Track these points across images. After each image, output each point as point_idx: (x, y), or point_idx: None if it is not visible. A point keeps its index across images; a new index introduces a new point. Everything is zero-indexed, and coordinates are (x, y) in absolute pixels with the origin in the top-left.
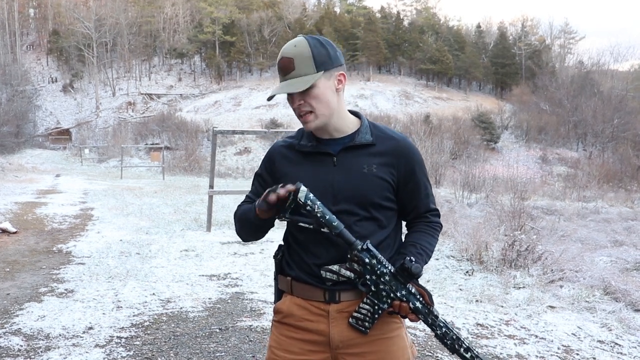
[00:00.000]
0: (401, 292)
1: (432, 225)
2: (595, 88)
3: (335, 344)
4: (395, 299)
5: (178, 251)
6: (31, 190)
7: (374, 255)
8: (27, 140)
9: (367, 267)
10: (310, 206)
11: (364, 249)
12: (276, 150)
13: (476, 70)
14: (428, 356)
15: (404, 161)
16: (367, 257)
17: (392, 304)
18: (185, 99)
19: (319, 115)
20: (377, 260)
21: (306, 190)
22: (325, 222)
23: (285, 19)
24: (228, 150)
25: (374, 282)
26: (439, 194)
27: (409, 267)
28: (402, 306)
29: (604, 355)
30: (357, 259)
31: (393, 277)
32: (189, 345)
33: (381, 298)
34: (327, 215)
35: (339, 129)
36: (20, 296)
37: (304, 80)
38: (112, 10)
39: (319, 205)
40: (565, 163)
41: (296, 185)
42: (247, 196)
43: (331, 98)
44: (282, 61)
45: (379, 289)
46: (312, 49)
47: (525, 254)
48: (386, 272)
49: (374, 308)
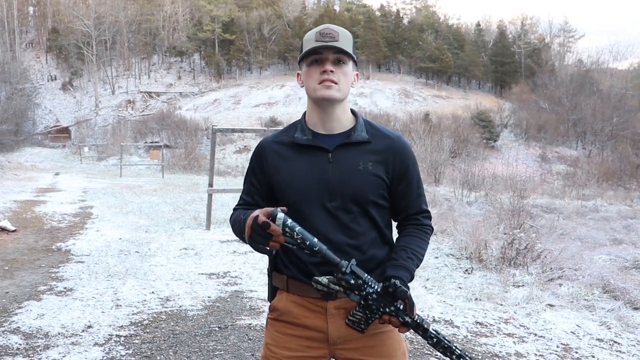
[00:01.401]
0: (389, 309)
1: (423, 229)
2: (595, 86)
3: (334, 340)
4: (385, 314)
5: (177, 250)
6: (30, 189)
7: (358, 276)
8: (26, 139)
9: (353, 287)
10: (289, 233)
11: (347, 272)
12: (266, 146)
13: (476, 69)
14: (427, 354)
15: (399, 159)
16: (351, 279)
17: (382, 317)
18: (184, 97)
19: (340, 89)
20: (363, 281)
21: (283, 217)
22: (306, 248)
23: (284, 17)
24: (227, 148)
25: (363, 298)
26: (439, 193)
27: (393, 290)
28: (391, 320)
29: (603, 353)
30: (342, 280)
31: (380, 296)
32: (188, 343)
33: (372, 310)
34: (308, 241)
35: (340, 120)
36: (19, 295)
37: (349, 49)
38: (112, 8)
39: (297, 231)
40: (564, 161)
41: (272, 212)
42: (240, 197)
43: (349, 85)
44: (327, 30)
45: (368, 304)
46: (352, 38)
47: (525, 252)
48: (372, 292)
49: (367, 316)
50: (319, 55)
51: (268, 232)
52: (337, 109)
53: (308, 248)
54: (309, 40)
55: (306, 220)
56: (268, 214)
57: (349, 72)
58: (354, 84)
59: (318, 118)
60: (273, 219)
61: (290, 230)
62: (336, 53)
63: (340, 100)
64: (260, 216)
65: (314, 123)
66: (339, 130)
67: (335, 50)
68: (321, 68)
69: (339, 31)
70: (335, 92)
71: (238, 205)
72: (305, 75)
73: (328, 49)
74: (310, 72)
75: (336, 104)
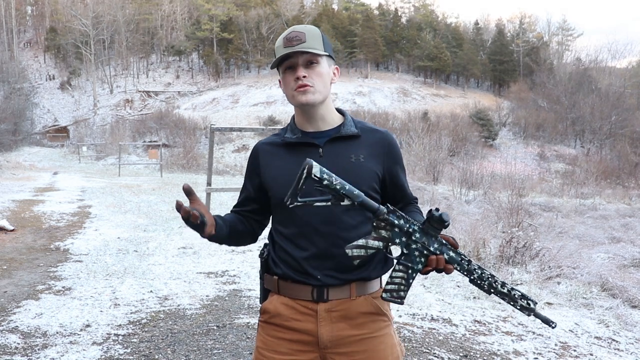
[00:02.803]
0: (434, 246)
1: (419, 208)
2: (593, 85)
3: (324, 344)
4: (430, 254)
5: (176, 248)
6: (29, 188)
7: (400, 215)
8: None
9: (396, 228)
10: (328, 179)
11: (390, 210)
12: (259, 148)
13: (474, 67)
14: (426, 353)
15: (391, 152)
16: (394, 218)
17: (428, 260)
18: (183, 96)
19: (317, 91)
20: (405, 220)
21: (319, 165)
22: (346, 193)
23: (283, 16)
24: (226, 147)
25: (405, 244)
26: (437, 191)
27: (439, 216)
28: (438, 259)
29: (601, 351)
30: (385, 224)
31: (423, 232)
32: (186, 342)
33: (414, 259)
34: (347, 186)
35: (325, 119)
36: (18, 294)
37: (317, 50)
38: (110, 7)
39: (334, 177)
40: (563, 160)
41: (306, 162)
42: (238, 200)
43: (328, 83)
44: (293, 34)
45: (410, 250)
46: (321, 33)
47: (523, 250)
48: (416, 229)
49: (408, 272)
50: (290, 61)
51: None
52: (320, 109)
53: (348, 193)
54: (279, 47)
55: (298, 214)
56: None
57: (323, 72)
58: (334, 79)
59: (304, 120)
60: (309, 167)
61: (328, 177)
62: (305, 55)
63: (320, 101)
64: (184, 208)
65: (302, 124)
66: (327, 128)
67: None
68: (294, 75)
69: (305, 31)
70: (312, 95)
71: (234, 207)
72: (283, 82)
73: (296, 53)
74: (285, 79)
75: (317, 106)
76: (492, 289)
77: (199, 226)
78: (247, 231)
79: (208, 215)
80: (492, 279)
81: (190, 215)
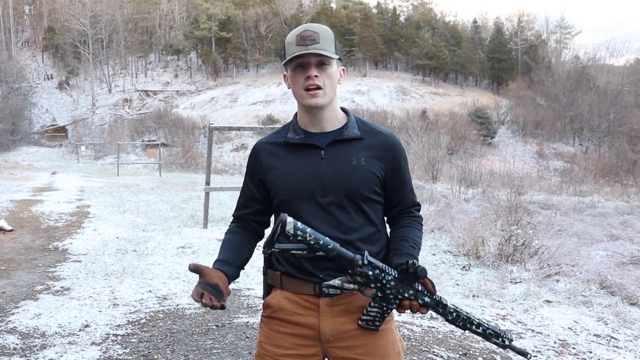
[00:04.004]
0: (409, 292)
1: (417, 220)
2: (592, 83)
3: (326, 338)
4: (404, 299)
5: (174, 248)
6: (27, 188)
7: (375, 266)
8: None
9: (371, 278)
10: (302, 235)
11: (364, 263)
12: (260, 147)
13: (472, 66)
14: (425, 351)
15: (392, 155)
16: (369, 269)
17: (402, 304)
18: (181, 95)
19: (326, 94)
20: (380, 270)
21: (293, 221)
22: (320, 248)
23: (281, 15)
24: (225, 146)
25: (380, 289)
26: (436, 190)
27: (414, 270)
28: (412, 304)
29: (600, 349)
30: (359, 274)
31: (398, 281)
32: (185, 342)
33: (389, 300)
34: (321, 240)
35: (330, 120)
36: (16, 294)
37: (330, 53)
38: (108, 6)
39: (309, 232)
40: (561, 158)
41: (281, 217)
42: (238, 200)
43: (336, 84)
44: (307, 32)
45: (385, 294)
46: (334, 35)
47: (522, 248)
48: (391, 279)
49: (383, 309)
50: (302, 60)
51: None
52: (326, 111)
53: (322, 248)
54: (291, 44)
55: (300, 217)
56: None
57: (333, 74)
58: (340, 80)
59: (308, 120)
60: (283, 224)
61: (302, 233)
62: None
63: (328, 103)
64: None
65: (305, 124)
66: (330, 129)
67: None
68: (305, 74)
69: (319, 32)
70: (321, 98)
71: (236, 211)
72: (291, 80)
73: (310, 54)
74: (295, 77)
75: (324, 108)
76: (467, 329)
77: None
78: (252, 242)
79: (221, 282)
80: (468, 320)
81: (212, 307)
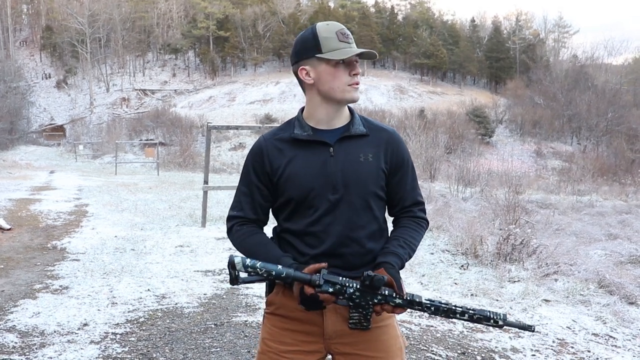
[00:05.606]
0: (377, 298)
1: (417, 221)
2: (590, 82)
3: (329, 334)
4: (375, 304)
5: (173, 247)
6: (25, 187)
7: (334, 282)
8: (21, 137)
9: (334, 294)
10: (252, 268)
11: (321, 284)
12: (265, 143)
13: (470, 65)
14: (423, 350)
15: (396, 151)
16: (329, 287)
17: (375, 309)
18: (179, 94)
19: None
20: (340, 284)
21: (241, 259)
22: (274, 277)
23: (279, 14)
24: (223, 145)
25: (348, 299)
26: (434, 189)
27: (370, 282)
28: (384, 308)
29: (599, 348)
30: (322, 293)
31: (362, 292)
32: (184, 341)
33: (363, 305)
34: (273, 271)
35: (341, 117)
36: (15, 293)
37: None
38: (106, 5)
39: (259, 265)
40: (559, 157)
41: (229, 258)
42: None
43: None
44: (345, 30)
45: (355, 303)
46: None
47: (520, 247)
48: (353, 291)
49: (363, 313)
50: (350, 57)
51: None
52: (341, 108)
53: (276, 277)
54: (330, 39)
55: (309, 214)
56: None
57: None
58: None
59: (326, 115)
60: (232, 264)
61: (252, 268)
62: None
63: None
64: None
65: (319, 119)
66: (338, 125)
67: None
68: (352, 70)
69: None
70: (359, 93)
71: (233, 211)
72: (330, 74)
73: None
74: (337, 72)
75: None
76: (451, 317)
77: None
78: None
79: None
80: (450, 310)
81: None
